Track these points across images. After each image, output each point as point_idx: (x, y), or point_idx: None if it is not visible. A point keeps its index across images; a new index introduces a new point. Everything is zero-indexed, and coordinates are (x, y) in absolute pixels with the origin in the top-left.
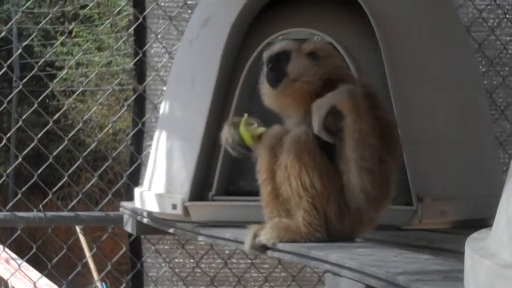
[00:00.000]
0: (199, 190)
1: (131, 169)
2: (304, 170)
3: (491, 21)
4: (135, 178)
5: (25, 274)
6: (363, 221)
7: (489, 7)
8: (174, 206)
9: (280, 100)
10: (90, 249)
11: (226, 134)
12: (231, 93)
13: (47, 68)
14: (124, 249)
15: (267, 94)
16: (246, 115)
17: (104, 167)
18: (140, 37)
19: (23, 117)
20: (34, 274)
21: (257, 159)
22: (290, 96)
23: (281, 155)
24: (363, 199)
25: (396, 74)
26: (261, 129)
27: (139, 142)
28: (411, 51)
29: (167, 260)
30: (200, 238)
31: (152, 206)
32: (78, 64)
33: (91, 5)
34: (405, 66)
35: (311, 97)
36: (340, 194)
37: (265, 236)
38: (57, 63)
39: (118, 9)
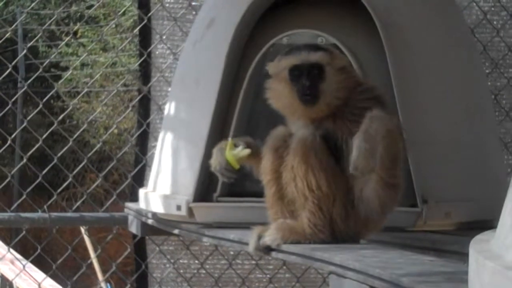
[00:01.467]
0: (204, 191)
1: (136, 170)
2: (310, 171)
3: (495, 22)
4: (140, 179)
5: (30, 275)
6: (369, 224)
7: (493, 8)
8: (178, 207)
9: (308, 114)
10: (95, 250)
11: (214, 161)
12: (236, 94)
13: (52, 69)
14: (128, 250)
15: (295, 108)
16: (230, 139)
17: (108, 168)
18: (145, 38)
19: (28, 118)
20: (39, 274)
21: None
22: (320, 111)
23: (287, 156)
24: (379, 212)
25: (401, 75)
26: (246, 151)
27: (143, 143)
28: (416, 52)
29: (172, 261)
30: (205, 239)
31: (157, 207)
32: (83, 65)
33: (96, 5)
34: (409, 68)
35: None
36: (346, 196)
37: (270, 237)
38: (62, 64)
39: (123, 9)
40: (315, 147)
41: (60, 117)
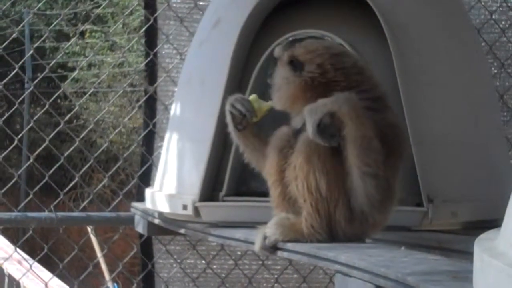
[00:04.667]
0: (210, 191)
1: (142, 170)
2: (312, 173)
3: (502, 22)
4: (146, 179)
5: (37, 275)
6: (371, 223)
7: (500, 8)
8: (184, 207)
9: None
10: (102, 249)
11: (237, 102)
12: (242, 94)
13: (59, 70)
14: (135, 250)
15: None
16: (254, 95)
17: (115, 167)
18: (151, 38)
19: (35, 118)
20: (46, 274)
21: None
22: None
23: (292, 155)
24: (366, 203)
25: (406, 74)
26: (270, 103)
27: (150, 143)
28: (421, 52)
29: (178, 261)
30: (211, 238)
31: (163, 206)
32: (90, 65)
33: (104, 4)
34: (415, 67)
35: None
36: (351, 198)
37: (269, 230)
38: (69, 64)
39: (130, 9)
40: (319, 148)
41: (67, 117)
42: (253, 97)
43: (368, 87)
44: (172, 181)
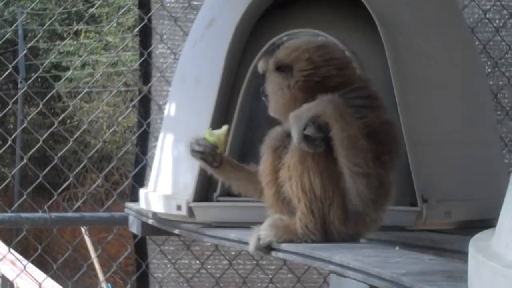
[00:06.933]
0: (204, 191)
1: (136, 170)
2: (306, 173)
3: (496, 21)
4: (140, 179)
5: (31, 275)
6: (366, 222)
7: (494, 7)
8: (178, 207)
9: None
10: (96, 250)
11: (188, 144)
12: (235, 94)
13: (53, 70)
14: (129, 250)
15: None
16: (208, 130)
17: (109, 167)
18: (145, 38)
19: (28, 118)
20: (40, 275)
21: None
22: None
23: (286, 155)
24: (359, 203)
25: (401, 75)
26: (225, 127)
27: (144, 143)
28: (416, 52)
29: (173, 261)
30: (205, 238)
31: (157, 207)
32: (84, 65)
33: (98, 3)
34: (409, 67)
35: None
36: (345, 197)
37: (263, 232)
38: (63, 64)
39: (124, 8)
40: None
41: (61, 117)
42: (206, 133)
43: (361, 84)
44: (166, 182)
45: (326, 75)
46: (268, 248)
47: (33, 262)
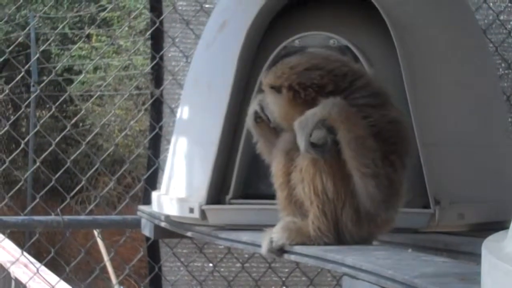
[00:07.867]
0: (216, 194)
1: (149, 173)
2: (318, 175)
3: (511, 23)
4: (153, 182)
5: (44, 278)
6: (378, 223)
7: (508, 9)
8: (191, 210)
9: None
10: (108, 253)
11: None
12: (248, 97)
13: (65, 73)
14: (142, 253)
15: None
16: None
17: (121, 171)
18: (157, 41)
19: (41, 122)
20: (53, 278)
21: (271, 162)
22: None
23: (297, 158)
24: (370, 203)
25: (413, 76)
26: None
27: (156, 146)
28: (427, 53)
29: (185, 264)
30: (218, 241)
31: (170, 209)
32: (96, 68)
33: (110, 7)
34: (421, 68)
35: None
36: (357, 199)
37: (276, 235)
38: (75, 67)
39: (136, 12)
40: None
41: (73, 121)
42: None
43: (363, 83)
44: (179, 184)
45: (320, 85)
46: (281, 251)
47: (46, 265)
